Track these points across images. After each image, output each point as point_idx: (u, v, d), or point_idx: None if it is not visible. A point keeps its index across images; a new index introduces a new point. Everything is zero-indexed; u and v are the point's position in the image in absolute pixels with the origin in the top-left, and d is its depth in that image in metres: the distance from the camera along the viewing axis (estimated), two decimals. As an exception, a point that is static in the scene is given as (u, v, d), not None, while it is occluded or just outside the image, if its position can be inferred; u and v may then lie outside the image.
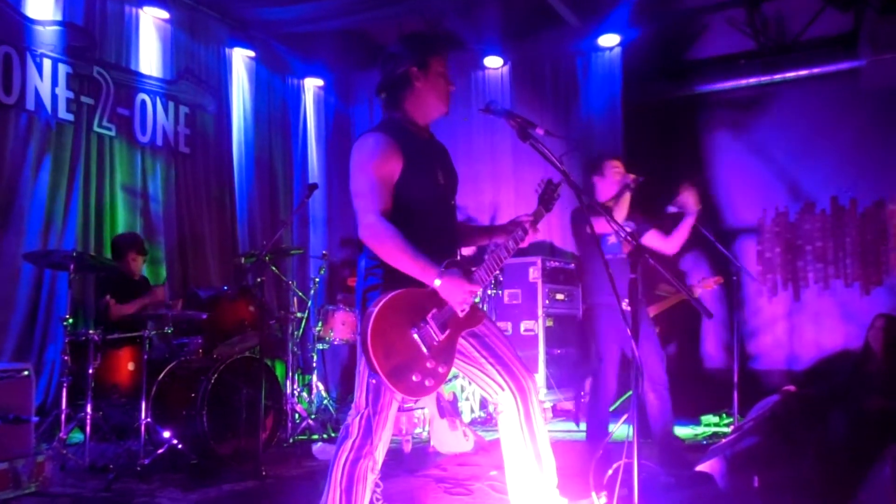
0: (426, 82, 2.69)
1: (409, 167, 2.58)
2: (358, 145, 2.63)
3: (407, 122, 2.71)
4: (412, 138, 2.67)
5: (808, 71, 6.93)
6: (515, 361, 2.69)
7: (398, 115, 2.72)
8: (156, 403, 4.67)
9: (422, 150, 2.68)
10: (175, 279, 6.76)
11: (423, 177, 2.64)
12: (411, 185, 2.58)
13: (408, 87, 2.69)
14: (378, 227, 2.48)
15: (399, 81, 2.70)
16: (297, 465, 4.78)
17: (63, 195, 5.97)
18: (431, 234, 2.60)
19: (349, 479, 2.54)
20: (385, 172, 2.55)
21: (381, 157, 2.55)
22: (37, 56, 5.83)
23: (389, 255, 2.48)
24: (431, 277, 2.45)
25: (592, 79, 7.64)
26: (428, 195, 2.66)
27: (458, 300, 2.49)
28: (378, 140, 2.59)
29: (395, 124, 2.70)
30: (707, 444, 5.08)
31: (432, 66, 2.69)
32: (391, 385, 2.39)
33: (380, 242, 2.48)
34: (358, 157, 2.60)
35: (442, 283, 2.44)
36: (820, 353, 6.97)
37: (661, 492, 3.36)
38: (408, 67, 2.68)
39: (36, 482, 3.61)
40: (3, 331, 5.53)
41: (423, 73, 2.68)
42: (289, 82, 8.35)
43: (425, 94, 2.69)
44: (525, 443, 2.63)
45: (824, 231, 7.12)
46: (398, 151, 2.57)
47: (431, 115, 2.76)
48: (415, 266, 2.46)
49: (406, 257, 2.45)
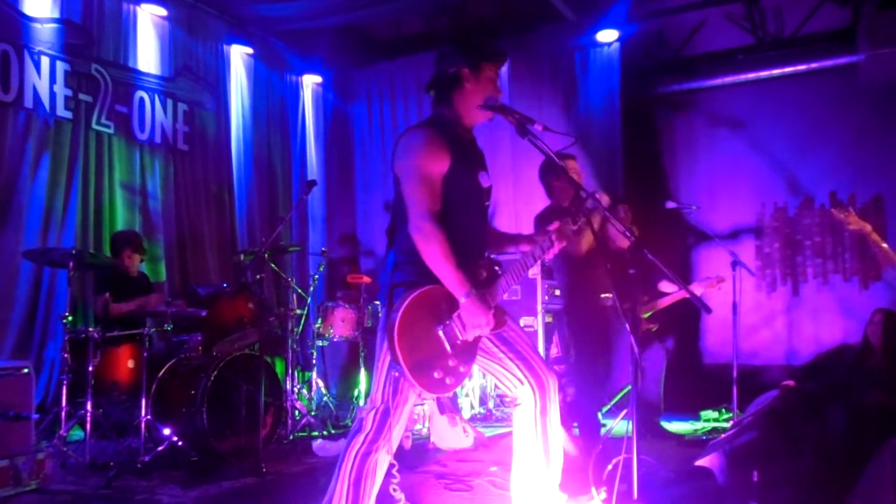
0: (476, 85, 2.70)
1: (454, 165, 2.60)
2: (407, 140, 2.64)
3: (454, 120, 2.73)
4: (458, 137, 2.69)
5: (807, 66, 6.94)
6: (537, 358, 2.73)
7: (446, 113, 2.74)
8: (156, 400, 4.67)
9: (466, 151, 2.71)
10: (174, 276, 6.77)
11: (465, 177, 2.67)
12: (454, 183, 2.61)
13: (458, 87, 2.71)
14: (430, 229, 2.50)
15: (450, 80, 2.72)
16: (297, 461, 4.78)
17: (62, 193, 5.96)
18: (466, 234, 2.63)
19: (358, 473, 2.56)
20: (434, 170, 2.57)
21: (431, 154, 2.57)
22: (35, 54, 5.82)
23: (432, 259, 2.50)
24: (461, 293, 2.49)
25: (591, 74, 7.64)
26: (468, 196, 2.69)
27: (473, 325, 2.52)
28: (428, 135, 2.61)
29: (444, 121, 2.72)
30: (706, 439, 5.09)
31: (484, 70, 2.72)
32: (413, 379, 2.41)
33: (428, 245, 2.50)
34: (408, 153, 2.62)
35: (466, 302, 2.48)
36: (819, 348, 6.98)
37: (660, 487, 3.36)
38: (460, 68, 2.70)
39: (36, 479, 3.62)
40: (2, 328, 5.53)
41: (475, 75, 2.70)
42: (287, 79, 8.34)
43: (473, 96, 2.71)
44: (537, 437, 2.67)
45: (823, 226, 7.12)
46: (446, 148, 2.59)
47: (476, 118, 2.77)
48: (451, 276, 2.49)
49: (447, 266, 2.48)
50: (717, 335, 7.27)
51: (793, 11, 7.14)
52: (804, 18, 7.06)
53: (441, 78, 2.75)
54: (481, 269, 2.63)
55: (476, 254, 2.66)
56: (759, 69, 7.13)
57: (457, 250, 2.51)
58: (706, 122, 7.60)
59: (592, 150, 7.48)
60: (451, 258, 2.48)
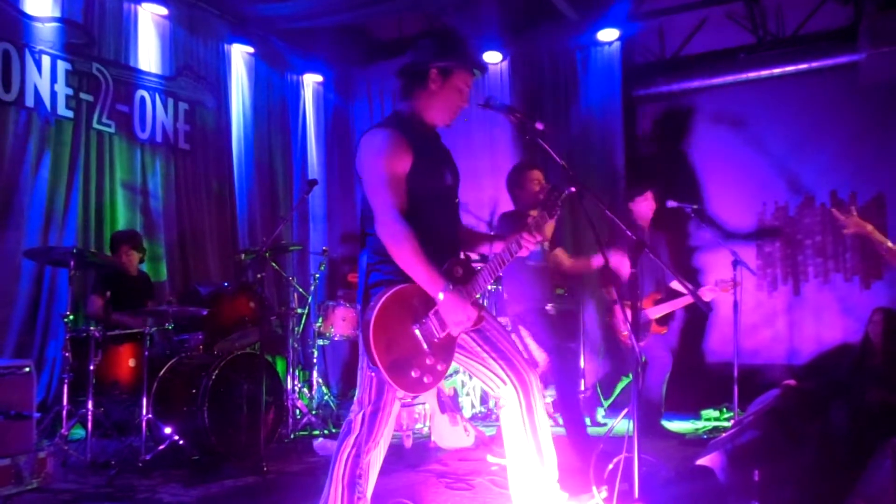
0: (441, 88, 2.66)
1: (417, 163, 2.57)
2: (366, 140, 2.61)
3: (414, 117, 2.70)
4: (419, 135, 2.66)
5: (808, 65, 6.93)
6: (517, 355, 2.69)
7: (406, 110, 2.71)
8: (157, 399, 4.68)
9: (429, 148, 2.67)
10: (175, 275, 6.78)
11: (430, 174, 2.63)
12: (418, 181, 2.58)
13: (422, 85, 2.67)
14: (396, 227, 2.47)
15: (416, 76, 2.68)
16: (298, 460, 4.79)
17: (63, 192, 5.97)
18: (436, 232, 2.60)
19: (351, 475, 2.56)
20: (396, 168, 2.54)
21: (392, 153, 2.54)
22: (36, 53, 5.82)
23: (402, 258, 2.48)
24: (437, 290, 2.46)
25: (592, 73, 7.63)
26: (434, 193, 2.65)
27: (456, 320, 2.49)
28: (387, 135, 2.57)
29: (403, 119, 2.69)
30: (707, 438, 5.09)
31: (455, 77, 2.67)
32: (390, 379, 2.40)
33: (397, 243, 2.47)
34: (368, 154, 2.59)
35: (445, 298, 2.46)
36: (820, 348, 6.98)
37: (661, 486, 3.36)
38: (429, 67, 2.65)
39: (38, 478, 3.62)
40: (4, 328, 5.54)
41: (442, 78, 2.65)
42: (288, 78, 8.34)
43: (436, 98, 2.67)
44: (527, 436, 2.64)
45: (824, 225, 7.12)
46: (407, 147, 2.56)
47: (435, 119, 2.73)
48: (424, 274, 2.46)
49: (418, 264, 2.46)
50: (719, 334, 7.26)
51: (794, 10, 7.14)
52: (805, 17, 7.06)
53: (409, 70, 2.70)
54: (457, 266, 2.58)
55: (449, 251, 2.62)
56: (760, 68, 7.12)
57: (428, 248, 2.47)
58: (707, 122, 7.59)
59: (593, 149, 7.49)
60: (421, 256, 2.45)
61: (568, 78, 7.76)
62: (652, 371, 5.36)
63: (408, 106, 2.71)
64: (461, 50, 2.72)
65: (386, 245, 2.50)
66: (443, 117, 2.72)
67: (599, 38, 7.43)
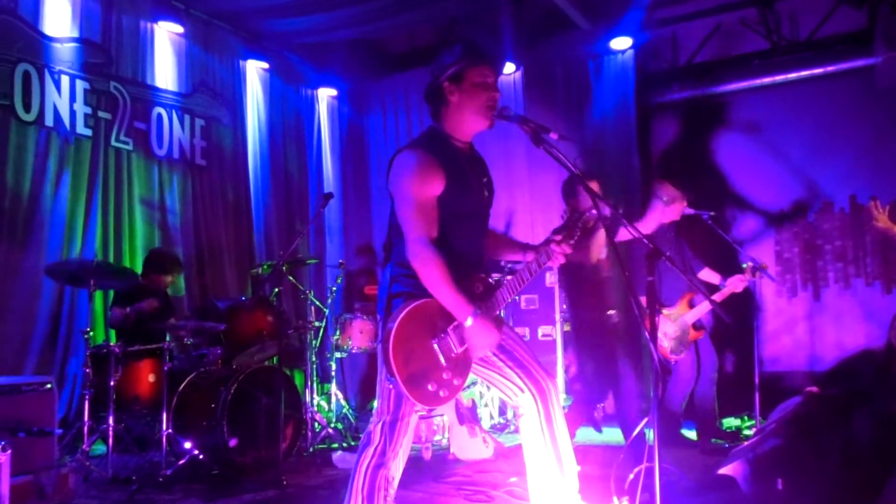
0: (461, 96, 2.62)
1: (450, 184, 2.56)
2: (398, 163, 2.59)
3: (447, 135, 2.67)
4: (453, 153, 2.63)
5: (823, 69, 6.88)
6: (534, 364, 2.68)
7: (439, 129, 2.69)
8: (176, 414, 4.70)
9: (462, 166, 2.64)
10: (193, 290, 6.82)
11: (463, 193, 2.61)
12: (451, 201, 2.57)
13: (443, 102, 2.65)
14: (426, 254, 2.47)
15: (435, 95, 2.66)
16: (318, 473, 4.79)
17: (82, 209, 6.04)
18: (464, 250, 2.61)
19: (371, 486, 2.55)
20: (427, 193, 2.53)
21: (422, 178, 2.52)
22: (55, 73, 5.91)
23: (430, 282, 2.48)
24: (465, 315, 2.47)
25: (605, 82, 7.63)
26: (466, 210, 2.65)
27: (481, 345, 2.50)
28: (418, 158, 2.55)
29: (436, 137, 2.66)
30: (729, 447, 5.04)
31: (468, 77, 2.62)
32: (407, 391, 2.40)
33: (426, 268, 2.48)
34: (399, 178, 2.57)
35: (473, 324, 2.46)
36: (842, 354, 6.89)
37: (683, 496, 3.33)
38: (441, 82, 2.63)
39: (60, 494, 3.64)
40: (25, 344, 5.59)
41: (458, 86, 2.62)
42: (303, 93, 8.40)
43: (462, 108, 2.63)
44: (546, 445, 2.62)
45: (843, 230, 7.05)
46: (439, 169, 2.54)
47: (471, 129, 2.69)
48: (452, 300, 2.47)
49: (446, 289, 2.46)
50: (738, 341, 7.20)
51: (808, 15, 7.10)
52: (819, 22, 7.02)
53: (429, 92, 2.69)
54: (477, 283, 2.59)
55: (473, 269, 2.63)
56: (775, 73, 7.08)
57: (455, 268, 2.48)
58: (722, 128, 7.55)
59: (607, 158, 7.47)
60: (450, 281, 2.45)
61: (581, 87, 7.76)
62: (676, 380, 5.30)
63: (439, 126, 2.69)
64: (464, 49, 2.66)
65: (415, 269, 2.50)
66: (478, 120, 2.65)
67: (613, 47, 7.43)
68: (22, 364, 5.52)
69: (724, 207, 7.27)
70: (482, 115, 2.63)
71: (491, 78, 2.66)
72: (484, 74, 2.64)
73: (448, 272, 2.46)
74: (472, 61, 2.63)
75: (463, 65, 2.62)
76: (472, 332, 2.48)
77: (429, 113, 2.74)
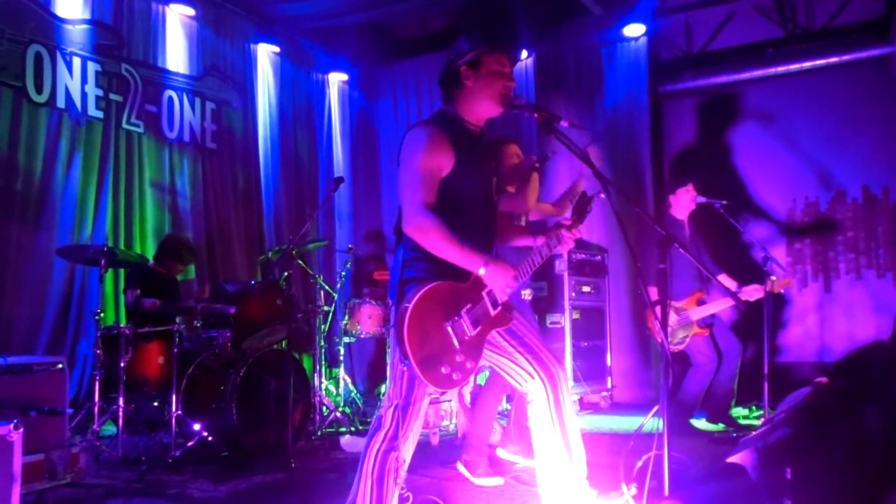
0: (477, 81, 2.64)
1: (459, 164, 2.57)
2: (409, 137, 2.62)
3: (459, 117, 2.69)
4: (464, 134, 2.65)
5: (839, 58, 6.80)
6: (545, 350, 2.68)
7: (449, 110, 2.71)
8: (186, 396, 4.73)
9: (473, 148, 2.67)
10: (203, 274, 6.84)
11: (471, 174, 2.63)
12: (459, 181, 2.58)
13: (458, 86, 2.67)
14: (423, 218, 2.49)
15: (451, 78, 2.68)
16: (326, 457, 4.81)
17: (93, 191, 6.06)
18: (473, 230, 2.61)
19: (381, 469, 2.56)
20: (433, 166, 2.55)
21: (430, 151, 2.54)
22: (66, 54, 5.91)
23: (435, 246, 2.50)
24: (478, 265, 2.49)
25: (618, 69, 7.58)
26: (474, 192, 2.66)
27: (502, 285, 2.51)
28: (429, 133, 2.58)
29: (448, 118, 2.69)
30: (737, 436, 5.03)
31: (485, 63, 2.64)
32: (420, 373, 2.41)
33: (425, 234, 2.50)
34: (407, 150, 2.60)
35: (487, 270, 2.48)
36: (852, 345, 6.86)
37: (691, 484, 3.33)
38: (458, 66, 2.65)
39: (71, 473, 3.67)
40: (37, 325, 5.64)
41: (474, 71, 2.64)
42: (313, 77, 8.38)
43: (476, 93, 2.66)
44: (555, 431, 2.62)
45: (856, 220, 7.00)
46: (449, 145, 2.56)
47: (483, 114, 2.72)
48: (461, 255, 2.49)
49: (452, 247, 2.48)
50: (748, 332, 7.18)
51: (824, 2, 7.02)
52: (836, 10, 6.94)
53: (444, 76, 2.71)
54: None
55: (484, 248, 2.63)
56: (790, 62, 7.01)
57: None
58: (735, 117, 7.50)
59: (619, 146, 7.43)
60: (453, 238, 2.47)
61: (594, 74, 7.72)
62: (694, 373, 5.28)
63: (452, 108, 2.71)
64: (484, 36, 2.69)
65: (416, 238, 2.52)
66: (491, 105, 2.67)
67: (625, 34, 7.38)
68: (34, 344, 5.56)
69: (736, 196, 7.21)
70: (496, 101, 2.66)
71: (507, 67, 2.69)
72: (501, 63, 2.67)
73: (450, 232, 2.47)
74: (491, 48, 2.66)
75: (481, 51, 2.65)
76: (489, 278, 2.50)
77: (440, 96, 2.76)
